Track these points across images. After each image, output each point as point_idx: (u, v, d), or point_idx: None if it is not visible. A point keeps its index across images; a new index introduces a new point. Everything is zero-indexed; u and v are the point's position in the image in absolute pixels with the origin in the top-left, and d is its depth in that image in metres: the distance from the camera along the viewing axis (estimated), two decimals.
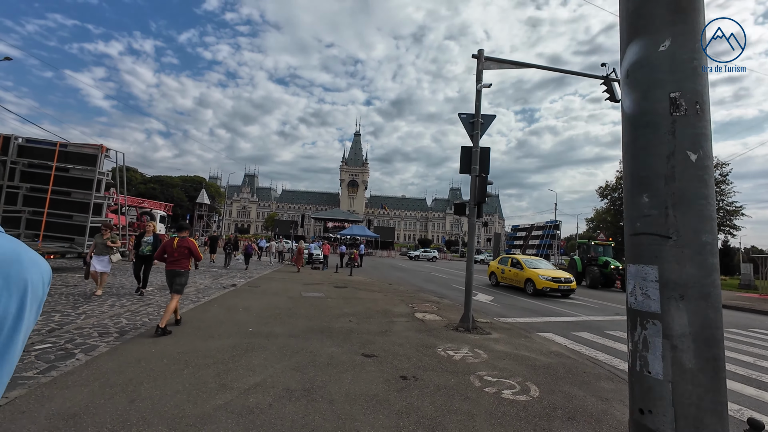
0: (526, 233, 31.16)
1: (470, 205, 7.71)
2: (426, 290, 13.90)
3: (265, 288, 11.26)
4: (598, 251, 20.56)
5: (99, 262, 8.17)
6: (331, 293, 11.00)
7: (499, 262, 15.59)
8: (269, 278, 14.14)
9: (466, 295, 7.55)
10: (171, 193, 46.14)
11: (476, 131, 7.87)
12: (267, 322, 6.65)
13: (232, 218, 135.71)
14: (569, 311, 10.67)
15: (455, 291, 14.27)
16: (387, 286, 14.24)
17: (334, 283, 13.63)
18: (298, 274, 16.47)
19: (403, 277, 19.57)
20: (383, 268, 26.43)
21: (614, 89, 9.51)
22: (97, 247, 8.31)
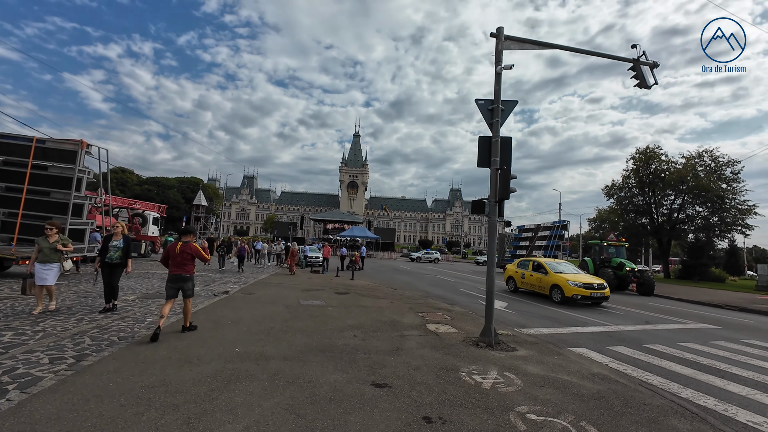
0: (532, 234, 30.22)
1: (490, 202, 6.78)
2: (434, 296, 12.96)
3: (260, 295, 10.31)
4: (610, 252, 19.64)
5: (44, 271, 6.50)
6: (331, 301, 10.05)
7: (518, 265, 14.57)
8: (265, 283, 13.19)
9: (488, 306, 6.61)
10: (167, 195, 45.16)
11: (496, 119, 6.96)
12: (258, 340, 5.70)
13: (231, 220, 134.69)
14: (594, 320, 9.73)
15: (465, 296, 13.32)
16: (392, 291, 13.31)
17: (335, 289, 12.69)
18: (297, 279, 15.52)
19: (408, 280, 18.62)
20: (385, 270, 25.50)
21: (644, 74, 8.60)
22: (41, 252, 6.54)
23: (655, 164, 33.44)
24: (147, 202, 24.98)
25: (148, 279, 12.46)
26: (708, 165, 31.49)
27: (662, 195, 33.75)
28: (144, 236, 22.01)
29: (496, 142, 6.87)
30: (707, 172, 30.97)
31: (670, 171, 32.37)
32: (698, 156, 32.31)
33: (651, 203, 34.45)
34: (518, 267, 14.46)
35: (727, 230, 30.75)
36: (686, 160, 32.01)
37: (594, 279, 12.15)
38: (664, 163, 33.38)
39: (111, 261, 6.76)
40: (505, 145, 6.96)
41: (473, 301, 12.07)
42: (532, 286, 13.24)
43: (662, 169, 32.84)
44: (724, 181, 30.67)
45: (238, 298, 9.59)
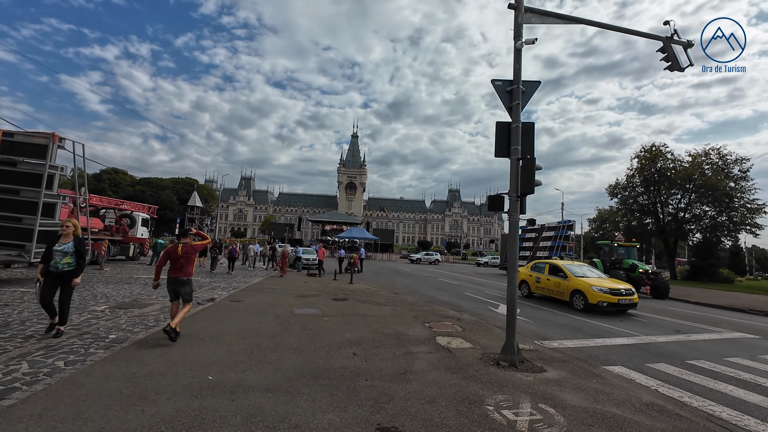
0: (536, 234, 29.30)
1: (512, 197, 5.85)
2: (439, 301, 12.02)
3: (249, 303, 9.33)
4: (620, 253, 18.77)
5: None
6: (328, 309, 9.09)
7: (532, 268, 13.59)
8: (257, 289, 12.21)
9: (509, 318, 5.67)
10: (161, 196, 44.04)
11: (516, 102, 6.04)
12: (239, 362, 4.74)
13: (228, 222, 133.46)
14: (620, 329, 8.81)
15: (472, 302, 12.39)
16: (393, 296, 12.36)
17: (333, 294, 11.73)
18: (292, 284, 14.55)
19: (409, 284, 17.68)
20: (385, 273, 24.54)
21: (675, 54, 7.70)
22: None
23: (661, 162, 32.67)
24: (136, 203, 23.95)
25: (129, 285, 11.47)
26: (715, 163, 30.75)
27: (668, 194, 32.97)
28: (132, 238, 20.98)
29: (516, 128, 5.95)
30: (714, 170, 30.22)
31: (677, 169, 31.60)
32: (705, 154, 31.57)
33: (656, 203, 33.65)
34: (532, 270, 13.51)
35: (735, 230, 29.98)
36: (693, 158, 31.25)
37: (620, 283, 11.19)
38: (670, 161, 32.62)
39: (57, 270, 5.28)
40: (527, 131, 6.05)
41: (482, 308, 11.14)
42: (549, 291, 12.28)
43: (669, 167, 32.06)
44: (731, 180, 29.94)
45: (224, 306, 8.62)
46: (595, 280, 11.14)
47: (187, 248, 5.77)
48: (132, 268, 17.04)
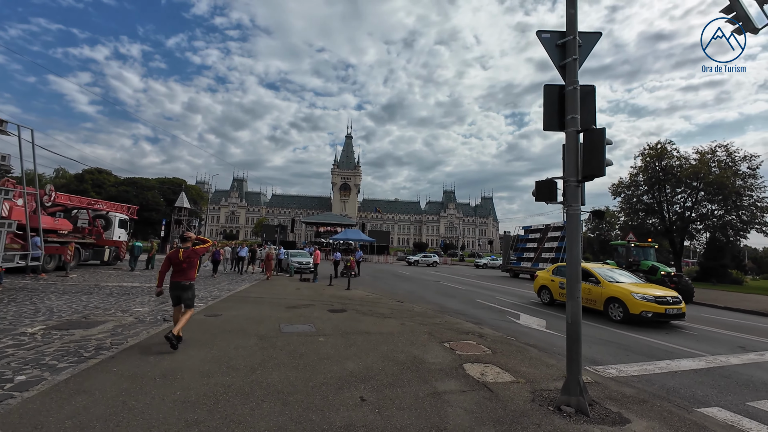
0: (540, 235, 27.97)
1: (569, 182, 4.39)
2: (450, 311, 10.53)
3: (228, 318, 7.73)
4: (636, 254, 17.49)
5: None
6: (324, 324, 7.54)
7: (555, 272, 12.13)
8: (240, 298, 10.60)
9: (571, 345, 4.20)
10: (146, 197, 41.91)
11: (571, 57, 4.60)
12: (190, 426, 3.18)
13: (220, 224, 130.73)
14: (674, 345, 7.39)
15: (487, 311, 10.91)
16: (397, 305, 10.84)
17: (329, 304, 10.17)
18: (282, 291, 12.96)
19: (412, 289, 16.16)
20: (384, 276, 22.99)
21: (747, 12, 6.32)
22: None
23: (666, 160, 31.69)
24: (113, 203, 22.10)
25: (88, 296, 9.78)
26: (723, 160, 29.81)
27: (674, 193, 31.98)
28: (107, 241, 19.16)
29: (573, 92, 4.50)
30: (722, 168, 29.27)
31: (683, 167, 30.62)
32: (711, 151, 30.64)
33: (662, 201, 32.64)
34: (554, 274, 12.07)
35: (744, 229, 29.02)
36: (701, 155, 30.26)
37: (664, 290, 9.77)
38: (675, 159, 31.65)
39: None
40: (587, 96, 4.59)
41: (502, 319, 9.66)
42: None
43: (674, 165, 31.07)
44: (739, 177, 29.01)
45: (195, 324, 7.01)
46: (635, 286, 9.72)
47: (188, 253, 5.67)
48: (103, 275, 15.27)
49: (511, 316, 10.01)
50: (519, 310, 11.05)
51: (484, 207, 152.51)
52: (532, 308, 11.46)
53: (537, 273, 13.10)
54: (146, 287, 12.01)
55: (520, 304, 12.41)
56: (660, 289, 9.80)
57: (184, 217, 41.95)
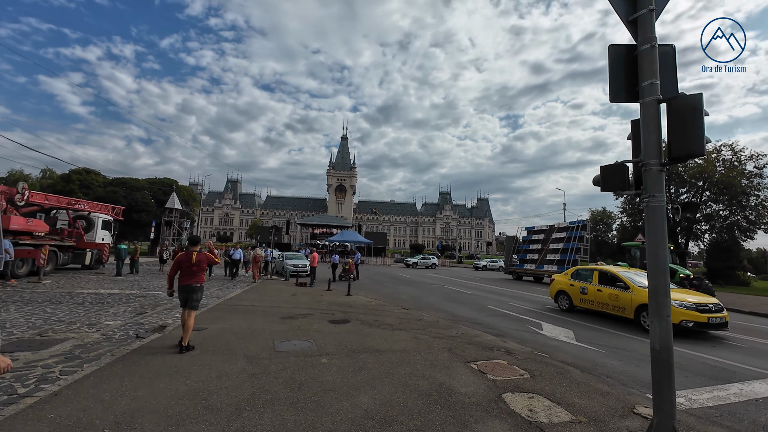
0: (544, 236, 27.11)
1: (651, 166, 3.39)
2: (463, 320, 9.51)
3: (213, 333, 6.63)
4: None
5: None
6: (326, 339, 6.48)
7: (574, 276, 11.16)
8: (230, 307, 9.48)
9: (659, 377, 3.17)
10: (135, 197, 40.40)
11: (647, 8, 3.62)
12: None
13: (214, 226, 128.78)
14: (731, 362, 6.43)
15: (503, 319, 9.90)
16: (404, 313, 9.81)
17: (329, 313, 9.11)
18: (277, 297, 11.86)
19: (416, 294, 15.12)
20: (384, 280, 21.93)
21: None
22: None
23: None
24: (96, 203, 20.80)
25: (56, 305, 8.61)
26: (728, 159, 29.25)
27: (678, 193, 31.36)
28: (89, 243, 17.89)
29: (649, 52, 3.51)
30: (728, 167, 28.71)
31: (688, 166, 29.99)
32: (716, 150, 30.07)
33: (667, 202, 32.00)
34: (574, 278, 11.10)
35: (751, 229, 28.45)
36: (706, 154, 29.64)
37: (703, 296, 8.84)
38: None
39: None
40: (665, 58, 3.61)
41: (523, 329, 8.66)
42: (601, 306, 9.85)
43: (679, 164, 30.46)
44: (745, 177, 28.45)
45: (173, 341, 5.91)
46: (673, 292, 8.79)
47: (201, 257, 5.77)
48: (82, 280, 14.03)
49: (532, 326, 9.01)
50: (538, 318, 10.06)
51: (480, 208, 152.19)
52: (551, 316, 10.48)
53: (553, 277, 12.12)
54: (126, 295, 10.84)
55: (537, 310, 11.44)
56: (696, 295, 8.88)
57: (175, 219, 40.54)
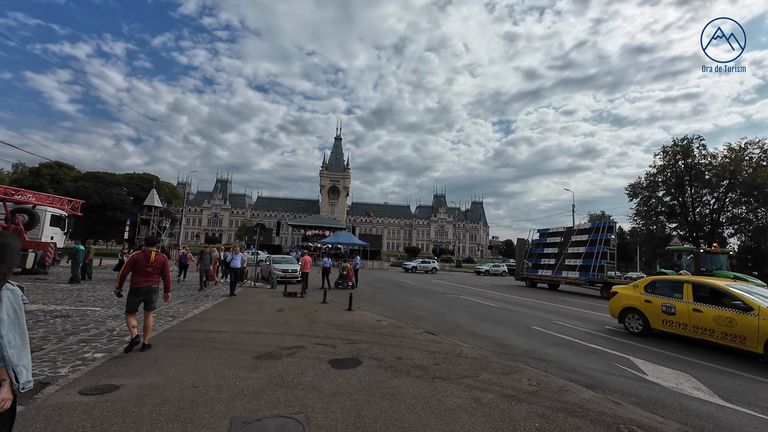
0: (561, 239, 24.55)
1: None
2: (518, 352, 6.74)
3: (126, 400, 3.71)
4: (706, 264, 14.14)
5: None
6: (328, 411, 3.64)
7: (648, 289, 8.37)
8: (183, 336, 6.55)
9: None
10: (110, 193, 36.85)
11: None
12: None
13: (202, 227, 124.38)
14: None
15: (573, 352, 7.13)
16: (431, 340, 7.02)
17: (328, 343, 6.26)
18: (256, 317, 8.95)
19: (432, 307, 12.32)
20: (386, 287, 19.06)
21: None
22: None
23: (692, 158, 28.94)
24: (47, 194, 17.61)
25: None
26: (756, 157, 27.19)
27: (699, 194, 29.23)
28: (31, 242, 14.73)
29: None
30: (756, 166, 26.63)
31: (713, 165, 27.89)
32: (741, 149, 28.02)
33: (686, 203, 29.85)
34: (650, 292, 8.37)
35: None
36: (733, 152, 27.56)
37: None
38: (701, 156, 28.93)
39: None
40: None
41: (615, 371, 5.92)
42: (701, 332, 7.12)
43: (703, 163, 28.32)
44: None
45: (53, 419, 2.98)
46: None
47: (161, 258, 5.61)
48: None
49: (621, 363, 6.27)
50: (614, 347, 7.34)
51: (475, 212, 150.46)
52: (629, 344, 7.77)
53: (616, 289, 9.41)
54: (44, 313, 7.82)
55: (601, 334, 8.72)
56: None
57: (154, 218, 37.15)
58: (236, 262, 13.27)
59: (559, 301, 15.86)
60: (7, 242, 1.90)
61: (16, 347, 1.82)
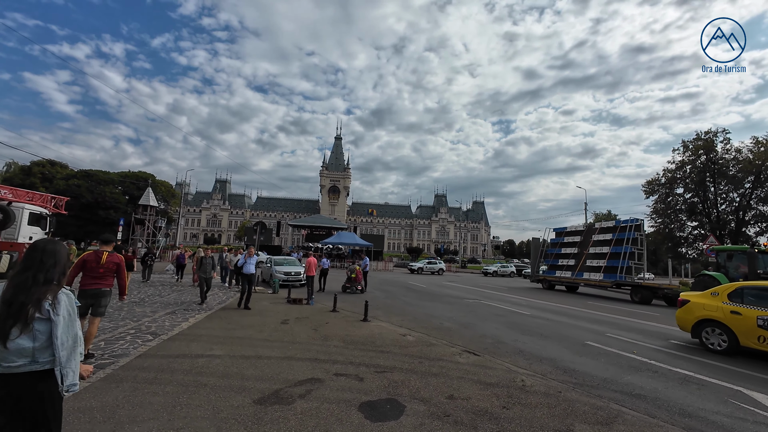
0: (581, 238, 23.03)
1: None
2: (594, 381, 5.25)
3: None
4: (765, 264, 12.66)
5: None
6: None
7: (734, 297, 6.79)
8: (162, 365, 5.06)
9: None
10: (103, 192, 35.26)
11: None
12: None
13: (201, 227, 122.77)
14: None
15: (664, 382, 5.62)
16: (478, 365, 5.54)
17: (351, 372, 4.76)
18: (257, 334, 7.45)
19: (458, 317, 10.81)
20: (397, 291, 17.54)
21: None
22: None
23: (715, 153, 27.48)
24: (26, 190, 16.10)
25: None
26: None
27: (727, 190, 27.76)
28: (5, 243, 13.20)
29: None
30: None
31: (737, 160, 26.43)
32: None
33: (708, 200, 28.38)
34: (736, 301, 6.85)
35: None
36: (759, 145, 26.07)
37: None
38: (725, 151, 27.47)
39: None
40: None
41: (738, 413, 4.43)
42: None
43: (728, 158, 26.84)
44: None
45: None
46: None
47: (114, 260, 5.20)
48: None
49: (737, 399, 4.78)
50: (707, 372, 5.85)
51: (476, 211, 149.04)
52: (720, 366, 6.27)
53: (686, 297, 7.92)
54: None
55: (675, 352, 7.23)
56: None
57: (149, 217, 35.61)
58: (250, 267, 10.51)
59: (591, 307, 14.37)
60: (58, 249, 2.06)
61: (67, 349, 1.88)
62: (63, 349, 1.84)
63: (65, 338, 1.86)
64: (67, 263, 2.09)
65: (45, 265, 1.94)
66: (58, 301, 1.89)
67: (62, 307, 1.89)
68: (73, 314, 1.94)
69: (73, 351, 1.89)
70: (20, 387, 1.83)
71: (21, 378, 1.82)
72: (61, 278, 1.97)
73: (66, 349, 1.85)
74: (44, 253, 1.98)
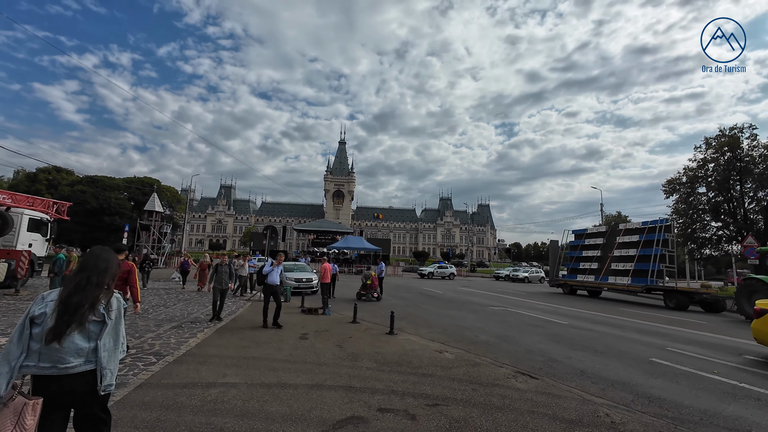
0: (604, 240, 21.92)
1: None
2: (685, 414, 4.27)
3: None
4: None
5: None
6: None
7: None
8: (163, 402, 4.16)
9: None
10: (108, 198, 34.74)
11: None
12: None
13: (206, 233, 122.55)
14: None
15: (758, 406, 4.65)
16: (542, 391, 4.60)
17: (396, 402, 3.84)
18: (274, 349, 6.53)
19: (490, 328, 9.82)
20: (413, 298, 16.57)
21: None
22: None
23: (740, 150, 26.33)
24: (27, 195, 15.39)
25: None
26: None
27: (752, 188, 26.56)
28: (2, 251, 12.46)
29: None
30: None
31: (766, 157, 25.27)
32: None
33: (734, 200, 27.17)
34: None
35: None
36: None
37: None
38: (752, 148, 26.31)
39: None
40: None
41: None
42: None
43: (756, 156, 25.68)
44: None
45: None
46: None
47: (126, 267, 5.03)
48: None
49: None
50: None
51: (481, 215, 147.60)
52: None
53: (765, 307, 6.91)
54: None
55: (759, 371, 6.22)
56: None
57: (155, 223, 34.99)
58: (275, 277, 8.77)
59: (627, 314, 13.32)
60: (111, 256, 2.18)
61: (108, 350, 1.95)
62: (104, 350, 1.93)
63: (107, 340, 1.96)
64: (117, 270, 2.21)
65: (98, 268, 2.05)
66: (111, 304, 2.03)
67: (114, 310, 2.03)
68: (119, 318, 2.07)
69: (114, 352, 1.99)
70: (77, 386, 1.89)
71: (76, 378, 1.88)
72: (110, 282, 2.10)
73: (107, 350, 1.95)
74: (98, 258, 2.10)
